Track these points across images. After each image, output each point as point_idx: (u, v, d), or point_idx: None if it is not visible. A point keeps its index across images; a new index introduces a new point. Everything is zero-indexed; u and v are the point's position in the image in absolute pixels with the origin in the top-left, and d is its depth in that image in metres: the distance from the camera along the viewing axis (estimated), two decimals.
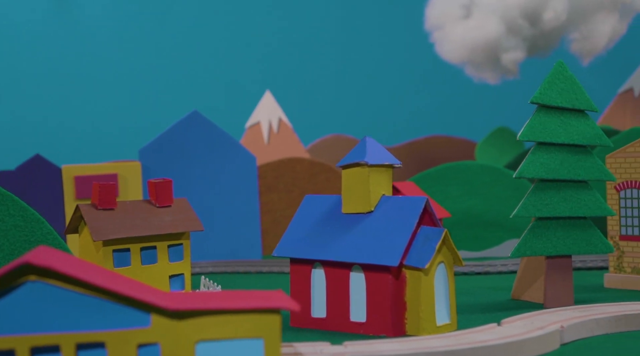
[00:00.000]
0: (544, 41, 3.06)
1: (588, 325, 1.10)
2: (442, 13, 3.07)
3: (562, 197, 1.37)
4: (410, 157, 3.40)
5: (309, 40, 3.62)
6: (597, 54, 3.12)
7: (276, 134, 3.07)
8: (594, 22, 2.99)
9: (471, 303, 1.44)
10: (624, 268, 1.58)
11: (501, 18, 2.93)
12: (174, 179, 2.26)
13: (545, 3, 2.92)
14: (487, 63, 3.06)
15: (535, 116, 1.37)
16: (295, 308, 0.79)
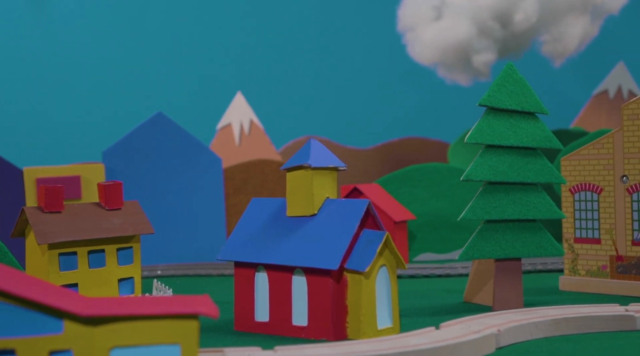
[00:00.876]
0: (515, 43, 3.06)
1: (527, 328, 1.10)
2: (414, 14, 3.07)
3: (511, 199, 1.37)
4: (385, 159, 3.40)
5: (281, 41, 3.61)
6: (568, 56, 3.12)
7: (247, 135, 3.06)
8: (565, 24, 3.00)
9: (423, 306, 1.43)
10: (578, 271, 1.58)
11: (472, 20, 2.94)
12: (138, 181, 2.27)
13: (515, 5, 2.93)
14: (458, 65, 3.06)
15: (484, 119, 1.37)
16: (214, 314, 0.78)
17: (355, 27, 3.66)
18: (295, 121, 3.53)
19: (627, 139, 1.50)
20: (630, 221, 1.50)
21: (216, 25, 3.54)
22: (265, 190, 2.58)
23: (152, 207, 2.22)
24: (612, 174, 1.53)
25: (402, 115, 3.63)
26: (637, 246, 1.49)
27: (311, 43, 3.62)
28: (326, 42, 3.64)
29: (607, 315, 1.15)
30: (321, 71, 3.61)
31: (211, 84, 3.46)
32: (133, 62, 3.47)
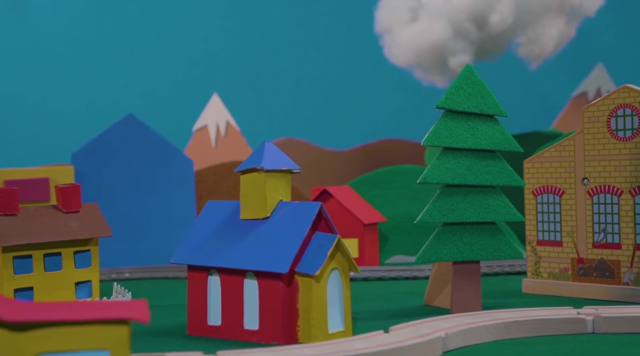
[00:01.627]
0: (492, 45, 3.06)
1: (477, 331, 1.09)
2: (390, 16, 3.07)
3: (469, 202, 1.36)
4: (363, 161, 3.40)
5: (259, 42, 3.60)
6: (545, 58, 3.13)
7: (224, 137, 3.05)
8: (541, 25, 3.01)
9: (383, 309, 1.43)
10: (541, 273, 1.58)
11: (447, 21, 2.94)
12: (108, 183, 2.25)
13: (491, 6, 2.93)
14: (435, 66, 3.06)
15: (441, 121, 1.36)
16: (145, 320, 0.78)
17: (333, 29, 3.66)
18: (273, 123, 3.52)
19: (588, 141, 1.50)
20: (591, 223, 1.50)
21: (192, 26, 3.52)
22: (238, 192, 2.57)
23: (123, 209, 2.21)
24: (574, 177, 1.53)
25: (380, 117, 3.63)
26: (597, 248, 1.49)
27: (290, 44, 3.62)
28: (304, 43, 3.64)
29: (558, 318, 1.15)
30: (299, 73, 3.61)
31: (187, 85, 3.45)
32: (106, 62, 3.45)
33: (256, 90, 3.54)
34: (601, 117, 1.48)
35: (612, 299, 1.45)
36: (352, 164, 3.40)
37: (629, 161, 1.44)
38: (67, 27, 3.44)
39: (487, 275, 1.86)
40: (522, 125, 3.39)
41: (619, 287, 1.45)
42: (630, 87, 1.45)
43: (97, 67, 3.42)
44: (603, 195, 1.48)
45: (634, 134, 1.43)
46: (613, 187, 1.47)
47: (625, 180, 1.45)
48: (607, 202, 1.48)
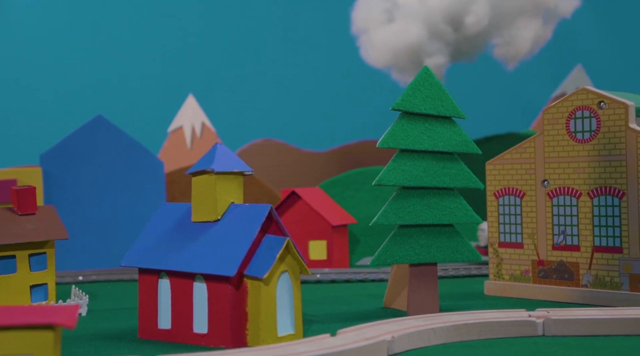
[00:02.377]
0: (468, 46, 3.06)
1: (425, 334, 1.09)
2: (366, 17, 3.06)
3: (426, 204, 1.36)
4: (342, 162, 3.39)
5: (234, 43, 3.58)
6: (521, 59, 3.13)
7: (199, 138, 3.04)
8: (517, 27, 3.01)
9: (341, 312, 1.42)
10: (502, 276, 1.58)
11: (423, 22, 2.93)
12: (77, 185, 2.24)
13: (467, 8, 2.93)
14: (411, 68, 3.06)
15: (397, 123, 1.36)
16: (70, 325, 0.77)
17: (311, 30, 3.65)
18: (250, 124, 3.51)
19: (548, 143, 1.50)
20: (550, 225, 1.50)
21: (167, 25, 3.51)
22: None
23: (92, 211, 2.20)
24: (534, 179, 1.53)
25: (358, 118, 3.63)
26: (557, 250, 1.49)
27: (267, 45, 3.61)
28: (282, 44, 3.63)
29: (508, 320, 1.14)
30: (277, 74, 3.60)
31: (162, 86, 3.43)
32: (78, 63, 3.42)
33: (232, 91, 3.53)
34: (560, 119, 1.48)
35: (571, 301, 1.45)
36: (331, 165, 3.39)
37: (587, 163, 1.44)
38: (37, 28, 3.41)
39: (453, 277, 1.86)
40: (502, 126, 3.39)
41: (578, 289, 1.45)
42: (589, 89, 1.44)
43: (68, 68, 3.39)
44: (562, 197, 1.48)
45: (592, 136, 1.43)
46: (572, 189, 1.47)
47: (584, 182, 1.45)
48: (566, 204, 1.48)
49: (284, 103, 3.60)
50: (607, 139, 1.41)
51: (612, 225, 1.41)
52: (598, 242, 1.43)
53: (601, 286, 1.42)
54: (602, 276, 1.42)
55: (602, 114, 1.42)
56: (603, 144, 1.42)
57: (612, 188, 1.41)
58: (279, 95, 3.60)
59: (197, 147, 3.04)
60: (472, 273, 1.89)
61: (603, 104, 1.42)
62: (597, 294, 1.42)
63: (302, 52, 3.62)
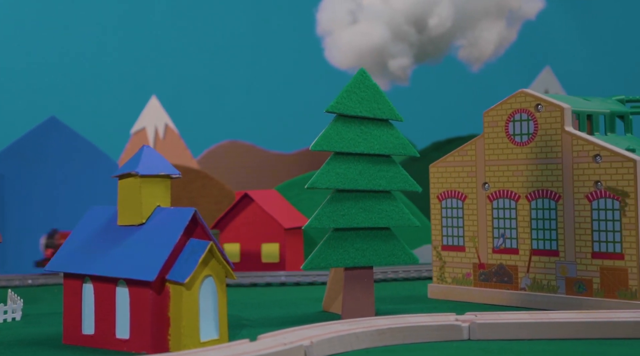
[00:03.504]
0: (432, 48, 3.07)
1: (346, 339, 1.08)
2: (331, 19, 3.06)
3: (361, 207, 1.35)
4: (308, 164, 3.38)
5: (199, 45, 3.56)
6: (485, 61, 3.13)
7: (162, 140, 3.02)
8: (480, 29, 3.01)
9: (278, 316, 1.41)
10: (445, 279, 1.57)
11: (387, 24, 2.93)
12: (30, 187, 2.21)
13: (430, 9, 2.93)
14: (376, 69, 3.06)
15: (332, 125, 1.35)
16: None
17: (277, 31, 3.64)
18: (216, 126, 3.50)
19: (488, 146, 1.50)
20: (491, 228, 1.50)
21: (130, 26, 3.48)
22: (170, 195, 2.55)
23: (45, 213, 2.18)
24: (475, 181, 1.52)
25: (325, 119, 3.62)
26: (497, 253, 1.48)
27: (233, 46, 3.59)
28: (248, 45, 3.62)
29: (433, 324, 1.14)
30: (243, 75, 3.58)
31: (125, 87, 3.41)
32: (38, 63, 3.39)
33: (197, 93, 3.51)
34: (500, 122, 1.48)
35: (510, 304, 1.45)
36: (298, 166, 3.38)
37: (526, 166, 1.44)
38: None
39: (396, 280, 1.85)
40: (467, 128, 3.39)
41: (516, 292, 1.45)
42: (527, 92, 1.44)
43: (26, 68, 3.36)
44: (502, 200, 1.48)
45: (530, 138, 1.43)
46: (511, 192, 1.46)
47: (522, 185, 1.44)
48: (505, 207, 1.47)
49: (251, 105, 3.58)
50: (544, 142, 1.41)
51: (549, 228, 1.41)
52: (536, 245, 1.43)
53: (539, 290, 1.42)
54: (539, 279, 1.42)
55: (539, 117, 1.42)
56: (540, 147, 1.41)
57: (548, 191, 1.40)
58: (245, 97, 3.59)
59: (160, 148, 3.02)
60: (422, 276, 1.88)
61: (540, 106, 1.42)
62: (534, 297, 1.42)
63: (268, 53, 3.61)
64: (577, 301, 1.35)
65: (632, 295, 1.29)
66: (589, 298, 1.34)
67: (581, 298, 1.35)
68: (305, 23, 3.33)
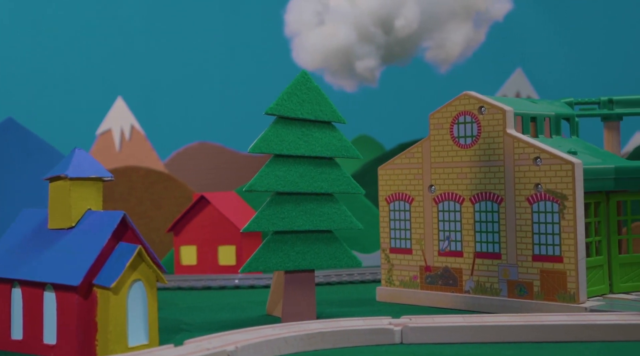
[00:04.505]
0: (400, 49, 3.06)
1: (274, 343, 1.07)
2: (298, 20, 3.05)
3: (302, 210, 1.34)
4: None
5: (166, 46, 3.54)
6: (453, 62, 3.13)
7: (128, 141, 3.00)
8: (447, 30, 3.01)
9: (220, 320, 1.39)
10: (393, 282, 1.56)
11: (353, 25, 2.92)
12: None
13: (396, 11, 2.93)
14: (343, 71, 3.05)
15: (271, 128, 1.34)
16: None
17: (246, 32, 3.63)
18: (184, 127, 3.48)
19: (434, 148, 1.49)
20: (437, 231, 1.49)
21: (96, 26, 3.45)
22: (133, 198, 2.53)
23: (2, 217, 2.15)
24: (422, 184, 1.51)
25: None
26: (443, 256, 1.48)
27: (202, 48, 3.57)
28: (218, 46, 3.60)
29: (365, 328, 1.13)
30: (214, 77, 3.57)
31: (90, 88, 3.38)
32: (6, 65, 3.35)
33: (166, 94, 3.49)
34: (445, 124, 1.47)
35: (455, 307, 1.44)
36: None
37: (469, 168, 1.43)
38: None
39: (353, 283, 1.84)
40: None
41: (461, 295, 1.44)
42: (470, 94, 1.43)
43: None
44: (447, 202, 1.47)
45: (474, 141, 1.42)
46: (456, 194, 1.45)
47: (467, 187, 1.44)
48: (450, 209, 1.47)
49: (220, 106, 3.56)
50: (487, 144, 1.40)
51: (492, 231, 1.40)
52: (479, 248, 1.42)
53: (482, 293, 1.41)
54: (482, 282, 1.41)
55: (482, 120, 1.41)
56: (483, 150, 1.41)
57: (491, 193, 1.40)
58: (214, 98, 3.57)
59: (126, 150, 3.00)
60: (377, 278, 1.87)
61: (484, 109, 1.41)
62: (478, 300, 1.41)
63: (238, 54, 3.59)
64: (518, 304, 1.35)
65: (570, 298, 1.29)
66: (530, 301, 1.34)
67: (522, 301, 1.34)
68: (274, 24, 3.32)
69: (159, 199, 2.55)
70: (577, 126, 1.55)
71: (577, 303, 1.28)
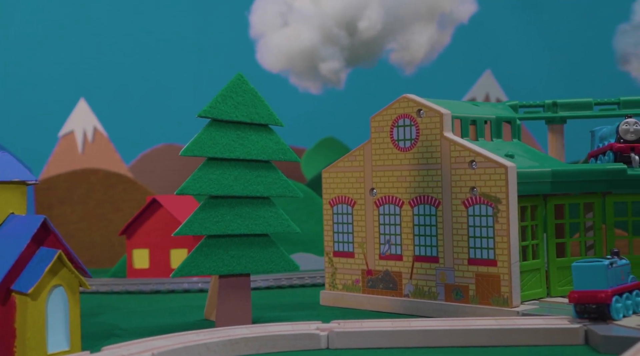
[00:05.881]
0: (365, 51, 3.05)
1: (195, 350, 1.05)
2: (262, 21, 3.03)
3: (237, 214, 1.32)
4: None
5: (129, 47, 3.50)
6: (418, 64, 3.13)
7: (91, 143, 2.98)
8: (411, 32, 3.00)
9: (155, 325, 1.37)
10: (336, 285, 1.55)
11: (317, 27, 2.91)
12: None
13: (360, 13, 2.92)
14: (307, 72, 3.04)
15: (205, 131, 1.32)
16: None
17: (213, 33, 3.61)
18: (149, 129, 3.45)
19: (375, 151, 1.48)
20: (378, 234, 1.48)
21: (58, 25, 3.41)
22: (91, 200, 2.50)
23: None
24: (363, 187, 1.50)
25: None
26: (383, 259, 1.47)
27: (169, 49, 3.55)
28: (183, 47, 3.58)
29: (291, 333, 1.12)
30: (180, 78, 3.55)
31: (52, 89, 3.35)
32: None
33: (130, 96, 3.46)
34: (385, 127, 1.46)
35: (394, 311, 1.43)
36: None
37: (409, 172, 1.42)
38: None
39: (304, 286, 1.83)
40: None
41: (400, 299, 1.43)
42: (409, 97, 1.43)
43: None
44: (388, 206, 1.46)
45: (413, 144, 1.42)
46: (396, 197, 1.45)
47: (406, 191, 1.43)
48: (391, 213, 1.46)
49: (187, 108, 3.54)
50: (425, 147, 1.39)
51: (430, 235, 1.39)
52: (418, 252, 1.41)
53: (420, 296, 1.40)
54: (421, 286, 1.41)
55: (420, 123, 1.40)
56: (422, 153, 1.40)
57: (429, 197, 1.39)
58: (181, 99, 3.55)
59: (89, 152, 2.97)
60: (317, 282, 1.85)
61: (422, 112, 1.40)
62: (416, 304, 1.40)
63: (204, 56, 3.57)
64: (454, 308, 1.34)
65: (504, 302, 1.28)
66: (465, 304, 1.33)
67: (458, 305, 1.34)
68: (240, 26, 3.30)
69: (119, 202, 2.53)
70: (519, 129, 1.54)
71: (511, 307, 1.27)
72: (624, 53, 3.44)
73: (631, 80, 3.43)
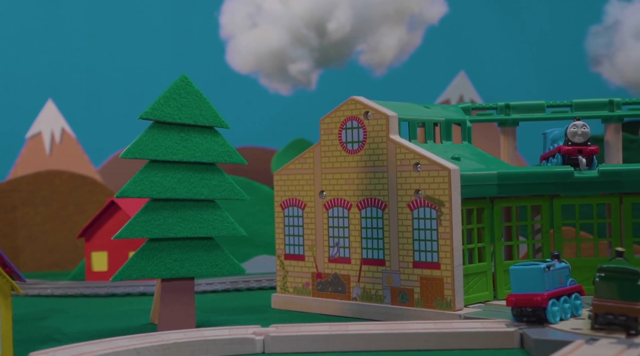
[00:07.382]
0: (334, 52, 3.05)
1: (125, 355, 1.04)
2: (231, 22, 3.02)
3: (180, 217, 1.31)
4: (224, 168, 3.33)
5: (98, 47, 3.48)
6: (388, 66, 3.12)
7: (59, 145, 2.95)
8: (380, 34, 3.00)
9: (98, 329, 1.36)
10: (287, 288, 1.54)
11: (286, 28, 2.91)
12: None
13: (329, 14, 2.91)
14: (277, 74, 3.03)
15: (147, 133, 1.31)
16: None
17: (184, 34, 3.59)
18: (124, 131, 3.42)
19: (324, 154, 1.47)
20: (327, 237, 1.47)
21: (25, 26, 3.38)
22: (55, 202, 2.48)
23: None
24: (313, 190, 1.49)
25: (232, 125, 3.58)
26: (332, 262, 1.46)
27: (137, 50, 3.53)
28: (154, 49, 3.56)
29: (226, 338, 1.10)
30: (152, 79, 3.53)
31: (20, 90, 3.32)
32: None
33: (100, 97, 3.43)
34: (334, 130, 1.45)
35: (343, 314, 1.42)
36: None
37: (356, 174, 1.41)
38: None
39: (263, 289, 1.82)
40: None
41: (349, 302, 1.42)
42: (357, 99, 1.42)
43: None
44: (336, 209, 1.45)
45: (360, 146, 1.41)
46: (344, 200, 1.44)
47: (354, 193, 1.42)
48: (339, 215, 1.45)
49: None
50: (372, 150, 1.39)
51: (377, 237, 1.38)
52: (365, 254, 1.40)
53: (368, 300, 1.40)
54: (369, 289, 1.40)
55: (368, 125, 1.39)
56: (369, 155, 1.39)
57: (376, 199, 1.38)
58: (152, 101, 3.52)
59: (57, 153, 2.95)
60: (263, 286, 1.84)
61: (369, 114, 1.40)
62: (364, 307, 1.39)
63: (174, 57, 3.55)
64: (400, 311, 1.33)
65: (447, 305, 1.27)
66: (410, 308, 1.32)
67: (403, 308, 1.33)
68: (210, 27, 3.29)
69: (83, 204, 2.51)
70: (469, 131, 1.54)
71: (454, 310, 1.27)
72: (595, 54, 3.45)
73: (602, 81, 3.44)
